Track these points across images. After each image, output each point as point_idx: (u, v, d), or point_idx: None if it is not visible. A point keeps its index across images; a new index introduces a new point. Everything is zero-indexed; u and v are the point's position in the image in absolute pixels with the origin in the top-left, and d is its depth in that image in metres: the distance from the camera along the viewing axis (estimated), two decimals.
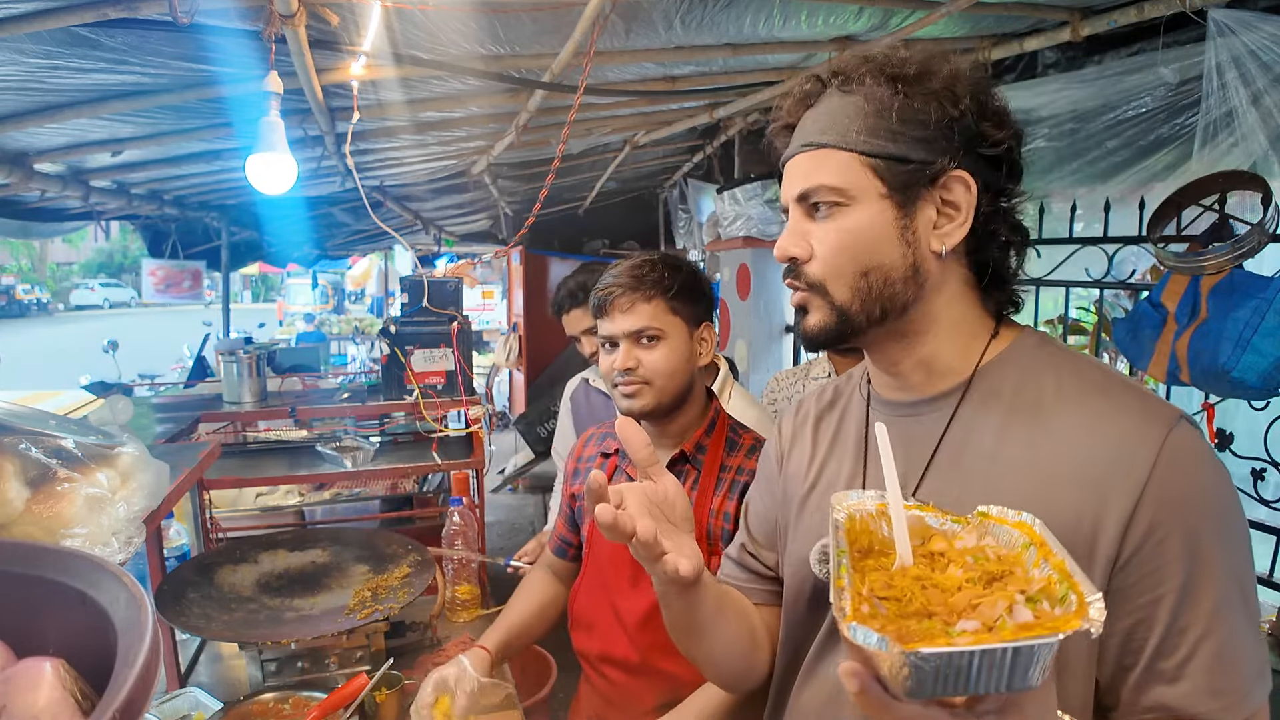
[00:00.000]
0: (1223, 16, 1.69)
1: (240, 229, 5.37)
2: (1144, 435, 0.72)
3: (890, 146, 0.77)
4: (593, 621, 1.48)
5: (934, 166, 0.77)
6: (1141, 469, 0.71)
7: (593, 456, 1.57)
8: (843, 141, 0.79)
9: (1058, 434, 0.76)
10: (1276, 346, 1.61)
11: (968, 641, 0.51)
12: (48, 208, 3.47)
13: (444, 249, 7.73)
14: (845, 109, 0.79)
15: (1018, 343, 0.83)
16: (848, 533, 0.69)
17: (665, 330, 1.36)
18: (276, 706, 1.50)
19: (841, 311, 0.81)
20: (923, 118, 0.76)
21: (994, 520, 0.65)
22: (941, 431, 0.82)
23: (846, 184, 0.78)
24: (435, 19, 1.85)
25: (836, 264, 0.80)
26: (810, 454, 0.97)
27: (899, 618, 0.57)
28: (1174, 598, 0.70)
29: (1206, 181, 1.82)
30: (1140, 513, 0.70)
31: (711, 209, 4.66)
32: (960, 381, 0.82)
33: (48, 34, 1.52)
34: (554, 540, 1.64)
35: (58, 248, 30.22)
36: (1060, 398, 0.77)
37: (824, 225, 0.80)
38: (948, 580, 0.60)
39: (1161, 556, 0.70)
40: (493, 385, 8.03)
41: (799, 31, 2.25)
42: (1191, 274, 1.79)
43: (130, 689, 0.52)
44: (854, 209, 0.78)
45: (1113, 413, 0.75)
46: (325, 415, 2.79)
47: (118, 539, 0.93)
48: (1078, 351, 0.83)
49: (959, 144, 0.77)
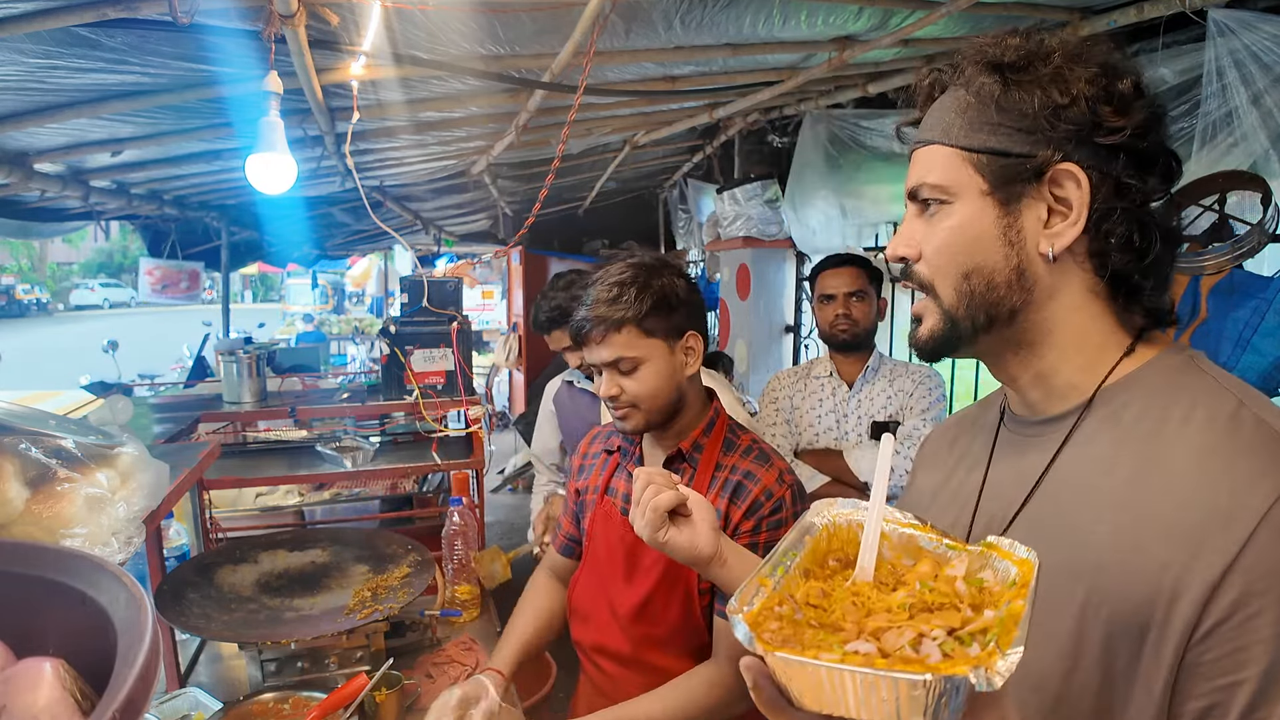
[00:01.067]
0: (1223, 17, 1.70)
1: (240, 229, 5.37)
2: (1256, 485, 0.61)
3: (991, 140, 0.72)
4: (589, 613, 1.50)
5: (1036, 160, 0.70)
6: (1244, 525, 0.60)
7: (597, 453, 1.59)
8: (945, 137, 0.75)
9: (1166, 471, 0.66)
10: (1276, 346, 1.61)
11: (834, 659, 0.49)
12: (48, 208, 3.47)
13: (444, 249, 7.73)
14: (952, 103, 0.76)
15: (1155, 362, 0.73)
16: (825, 540, 0.66)
17: (641, 355, 1.36)
18: (276, 706, 1.50)
19: (949, 317, 0.76)
20: (1025, 107, 0.71)
21: (999, 553, 0.60)
22: (1052, 456, 0.75)
23: (948, 181, 0.74)
24: (435, 19, 1.85)
25: (939, 264, 0.76)
26: (942, 469, 0.93)
27: (809, 626, 0.55)
28: (1255, 686, 0.59)
29: (1206, 181, 1.82)
30: (1231, 579, 0.59)
31: (711, 209, 4.66)
32: (1081, 402, 0.74)
33: (47, 34, 1.52)
34: (560, 539, 1.64)
35: (58, 248, 30.22)
36: (1182, 430, 0.67)
37: (930, 224, 0.76)
38: (882, 602, 0.57)
39: (1248, 635, 0.59)
40: (492, 385, 8.03)
41: (799, 31, 2.26)
42: (1191, 274, 1.79)
43: (130, 689, 0.52)
44: (956, 206, 0.74)
45: (1232, 453, 0.64)
46: (325, 415, 2.79)
47: (118, 539, 0.93)
48: (1228, 376, 0.71)
49: (1069, 134, 0.70)
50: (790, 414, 2.35)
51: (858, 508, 0.68)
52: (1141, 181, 0.71)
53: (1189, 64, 1.87)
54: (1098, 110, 0.70)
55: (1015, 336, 0.76)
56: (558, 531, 1.66)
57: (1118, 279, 0.73)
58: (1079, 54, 0.72)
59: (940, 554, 0.63)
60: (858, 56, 2.36)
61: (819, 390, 2.33)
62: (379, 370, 2.73)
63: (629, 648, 1.42)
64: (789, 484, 1.35)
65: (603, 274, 1.42)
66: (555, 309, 2.42)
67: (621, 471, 1.51)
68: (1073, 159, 0.70)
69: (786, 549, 0.63)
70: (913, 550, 0.64)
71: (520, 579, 1.80)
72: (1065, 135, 0.70)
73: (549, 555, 1.67)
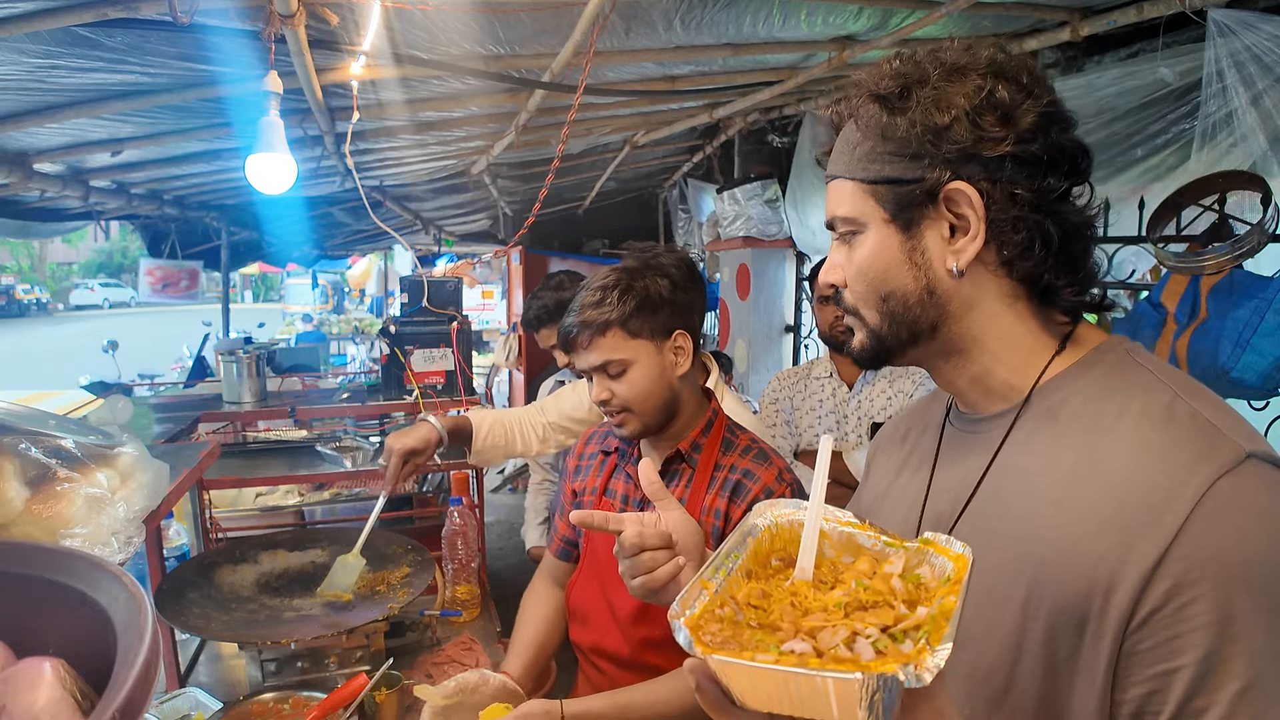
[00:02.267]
0: (1222, 17, 1.70)
1: (240, 229, 5.38)
2: (1188, 476, 0.62)
3: (884, 170, 0.74)
4: (587, 614, 1.50)
5: (925, 184, 0.72)
6: (1174, 516, 0.61)
7: (594, 454, 1.58)
8: (846, 171, 0.78)
9: (1103, 467, 0.67)
10: (1276, 346, 1.61)
11: (770, 660, 0.50)
12: (47, 208, 3.48)
13: (444, 249, 7.73)
14: (848, 136, 0.79)
15: (1089, 358, 0.74)
16: (767, 541, 0.67)
17: (628, 358, 1.35)
18: (276, 706, 1.50)
19: (875, 334, 0.80)
20: (908, 133, 0.72)
21: (936, 549, 0.61)
22: (993, 454, 0.77)
23: (855, 213, 0.78)
24: (435, 19, 1.85)
25: (859, 290, 0.79)
26: (893, 464, 0.95)
27: (748, 627, 0.56)
28: (1192, 672, 0.60)
29: (1206, 181, 1.82)
30: (1164, 568, 0.60)
31: (711, 209, 4.66)
32: (1019, 401, 0.76)
33: (47, 34, 1.52)
34: (556, 544, 1.64)
35: (57, 248, 30.23)
36: (1117, 425, 0.68)
37: (848, 253, 0.80)
38: (820, 601, 0.58)
39: (1183, 623, 0.60)
40: (492, 385, 8.02)
41: (799, 31, 2.26)
42: (1191, 274, 1.79)
43: (130, 689, 0.52)
44: (865, 236, 0.77)
45: (1165, 445, 0.65)
46: (325, 415, 2.79)
47: (117, 539, 0.93)
48: (1164, 367, 0.73)
49: (954, 153, 0.70)
50: (790, 414, 2.35)
51: (800, 508, 0.69)
52: (1038, 183, 0.70)
53: (1189, 65, 1.87)
54: (980, 123, 0.70)
55: (942, 347, 0.79)
56: (554, 535, 1.65)
57: (1031, 282, 0.74)
58: (961, 66, 0.72)
59: (879, 551, 0.64)
60: (857, 56, 2.36)
61: (819, 391, 2.33)
62: (379, 370, 2.73)
63: (628, 649, 1.42)
64: (788, 482, 1.35)
65: (588, 280, 1.43)
66: (543, 308, 2.52)
67: (620, 472, 1.50)
68: (961, 176, 0.71)
69: (729, 551, 0.64)
70: (852, 548, 0.65)
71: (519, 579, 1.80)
72: (951, 155, 0.71)
73: (547, 560, 1.66)
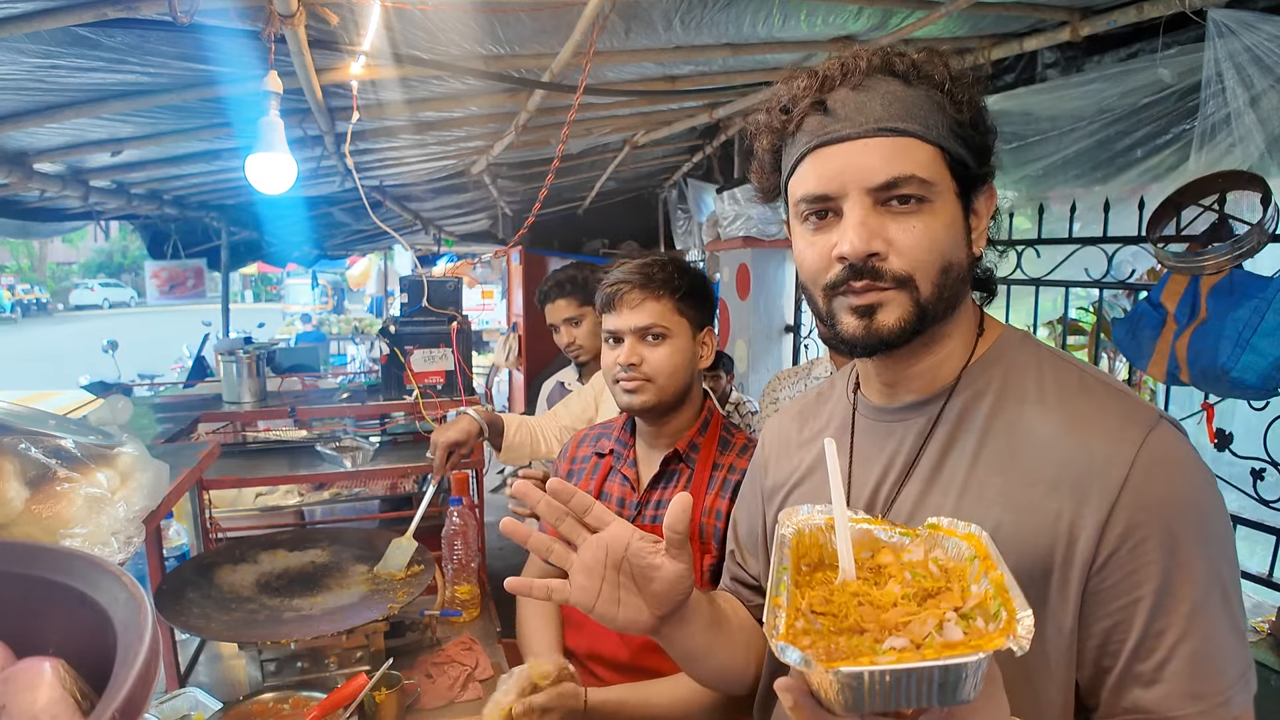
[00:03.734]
0: (1222, 17, 1.70)
1: (240, 229, 5.37)
2: (1121, 437, 0.72)
3: (962, 150, 0.77)
4: (582, 620, 1.48)
5: (987, 175, 0.80)
6: (1118, 471, 0.71)
7: (587, 457, 1.57)
8: (928, 134, 0.75)
9: (1037, 436, 0.75)
10: (1276, 346, 1.61)
11: (891, 660, 0.52)
12: (47, 208, 3.47)
13: (444, 249, 7.73)
14: (919, 100, 0.76)
15: (1001, 341, 0.83)
16: (795, 548, 0.69)
17: (671, 329, 1.37)
18: (276, 706, 1.50)
19: (923, 308, 0.76)
20: (979, 124, 0.78)
21: (943, 532, 0.65)
22: (925, 437, 0.81)
23: (934, 178, 0.75)
24: (435, 19, 1.85)
25: (922, 259, 0.75)
26: (794, 461, 0.97)
27: (832, 634, 0.58)
28: (1150, 600, 0.69)
29: (1206, 181, 1.82)
30: (1116, 515, 0.70)
31: (711, 209, 4.65)
32: (946, 385, 0.82)
33: (47, 34, 1.52)
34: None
35: (57, 248, 30.23)
36: (1040, 399, 0.77)
37: (909, 219, 0.74)
38: (885, 596, 0.61)
39: (1138, 559, 0.70)
40: (492, 385, 8.02)
41: (798, 31, 2.26)
42: (1191, 274, 1.79)
43: (130, 689, 0.52)
44: (938, 205, 0.75)
45: (1092, 414, 0.75)
46: (325, 415, 2.79)
47: (117, 539, 0.93)
48: (1056, 350, 0.84)
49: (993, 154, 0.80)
50: None
51: (813, 512, 0.72)
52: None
53: (1189, 65, 1.87)
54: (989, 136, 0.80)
55: (944, 330, 0.81)
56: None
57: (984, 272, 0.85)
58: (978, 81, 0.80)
59: (896, 542, 0.68)
60: None
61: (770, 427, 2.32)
62: (379, 370, 2.73)
63: (627, 654, 1.41)
64: None
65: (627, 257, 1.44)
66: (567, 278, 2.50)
67: (615, 474, 1.49)
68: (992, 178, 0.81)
69: (778, 565, 0.66)
70: (871, 543, 0.68)
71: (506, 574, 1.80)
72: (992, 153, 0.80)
73: (536, 565, 1.62)
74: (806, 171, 0.78)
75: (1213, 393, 1.81)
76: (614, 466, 1.50)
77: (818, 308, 0.81)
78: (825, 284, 0.78)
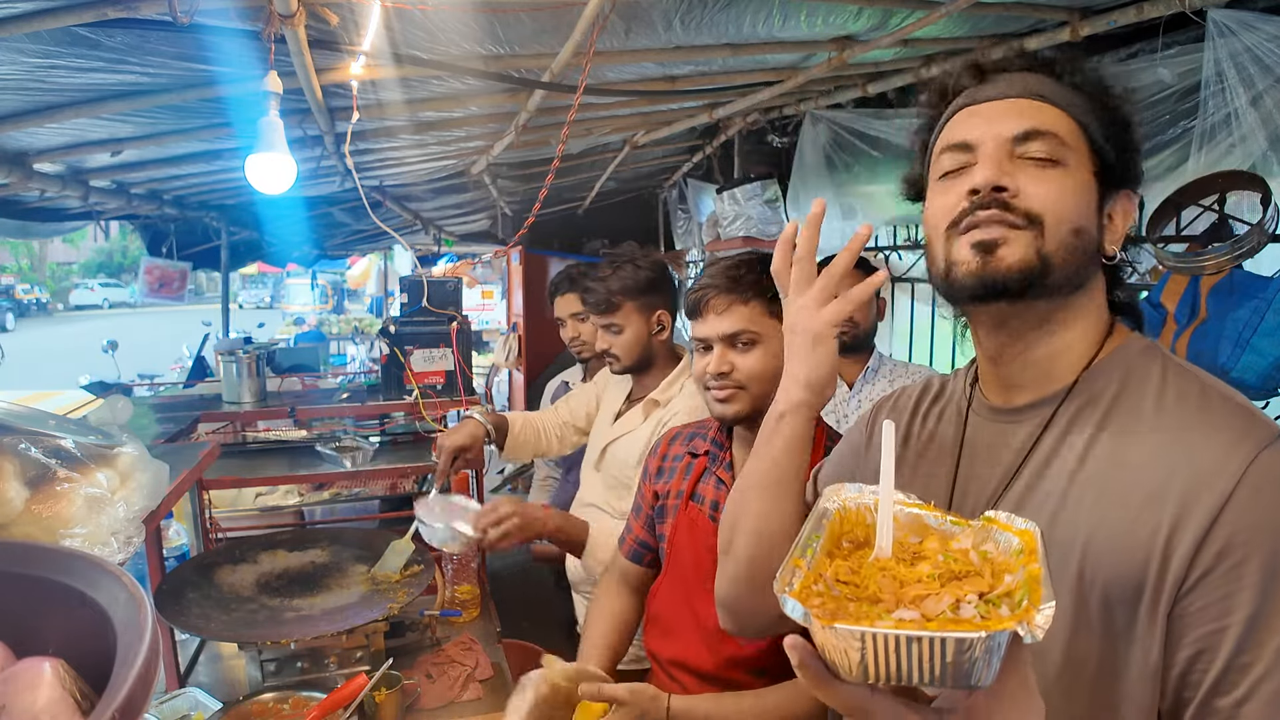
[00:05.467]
0: (1222, 17, 1.69)
1: (240, 229, 5.37)
2: (1232, 451, 0.68)
3: (1102, 138, 0.78)
4: (670, 625, 1.44)
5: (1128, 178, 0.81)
6: (1223, 487, 0.66)
7: (679, 455, 1.51)
8: (1070, 108, 0.78)
9: (1146, 448, 0.72)
10: (1276, 346, 1.61)
11: (890, 626, 0.52)
12: (47, 208, 3.47)
13: (444, 249, 7.72)
14: (1063, 89, 0.79)
15: (1123, 348, 0.80)
16: (837, 524, 0.69)
17: (762, 333, 1.31)
18: (276, 706, 1.50)
19: (1046, 257, 0.74)
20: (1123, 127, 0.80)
21: (998, 526, 0.64)
22: (1034, 440, 0.79)
23: (1071, 141, 0.77)
24: (435, 19, 1.85)
25: (1056, 209, 0.75)
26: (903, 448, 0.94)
27: (845, 600, 0.58)
28: (1240, 630, 0.64)
29: (1206, 182, 1.82)
30: (1215, 533, 0.65)
31: (711, 209, 4.65)
32: (1062, 387, 0.79)
33: (47, 34, 1.52)
34: (629, 545, 1.58)
35: (57, 248, 30.20)
36: (1157, 409, 0.74)
37: (1043, 171, 0.76)
38: (911, 574, 0.61)
39: (1232, 583, 0.65)
40: (492, 385, 8.02)
41: (799, 31, 2.25)
42: (1191, 274, 1.79)
43: (129, 689, 0.52)
44: (1072, 170, 0.77)
45: (1204, 426, 0.71)
46: (325, 415, 2.79)
47: (117, 539, 0.93)
48: (1182, 361, 0.81)
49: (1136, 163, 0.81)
50: None
51: (863, 491, 0.72)
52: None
53: (1189, 65, 1.86)
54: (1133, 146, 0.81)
55: (1062, 308, 0.79)
56: (626, 535, 1.61)
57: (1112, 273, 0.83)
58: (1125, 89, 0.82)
59: (946, 530, 0.67)
60: (857, 56, 2.36)
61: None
62: (379, 370, 2.73)
63: (712, 664, 1.36)
64: None
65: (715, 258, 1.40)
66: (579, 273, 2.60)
67: (709, 475, 1.43)
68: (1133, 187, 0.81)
69: (810, 532, 0.66)
70: (919, 528, 0.68)
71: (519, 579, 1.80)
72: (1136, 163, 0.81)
73: (619, 561, 1.61)
74: (951, 128, 0.82)
75: None
76: (708, 468, 1.44)
77: (936, 257, 0.81)
78: (948, 224, 0.78)
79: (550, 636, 2.60)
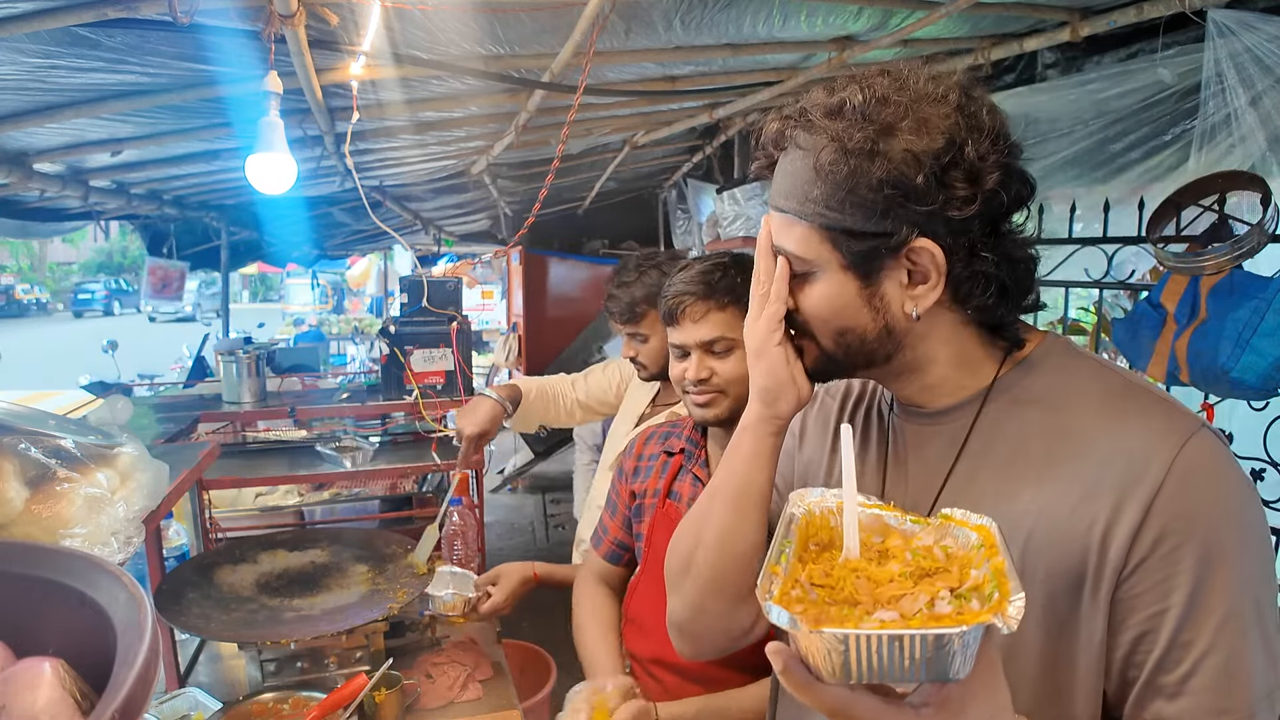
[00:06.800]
0: (1222, 17, 1.69)
1: (240, 229, 5.37)
2: (1160, 443, 0.70)
3: (844, 219, 0.73)
4: (648, 623, 1.44)
5: (893, 239, 0.72)
6: (1154, 477, 0.69)
7: (655, 455, 1.52)
8: (801, 211, 0.76)
9: (1076, 441, 0.74)
10: (1276, 346, 1.61)
11: (875, 626, 0.54)
12: (47, 208, 3.47)
13: (444, 249, 7.73)
14: (803, 171, 0.75)
15: (1040, 350, 0.81)
16: (804, 528, 0.70)
17: (739, 338, 1.29)
18: (276, 706, 1.50)
19: (828, 357, 0.81)
20: (869, 190, 0.70)
21: (955, 523, 0.67)
22: (963, 440, 0.80)
23: (809, 254, 0.77)
24: (435, 19, 1.85)
25: (815, 322, 0.80)
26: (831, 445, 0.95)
27: (824, 604, 0.59)
28: (1180, 610, 0.68)
29: (1206, 182, 1.82)
30: (1150, 521, 0.68)
31: (711, 209, 4.65)
32: (978, 391, 0.81)
33: (47, 34, 1.52)
34: (606, 546, 1.59)
35: (57, 248, 30.20)
36: (1081, 404, 0.76)
37: (801, 285, 0.79)
38: (883, 573, 0.62)
39: (1170, 568, 0.68)
40: (492, 385, 8.02)
41: (799, 32, 2.26)
42: (1191, 274, 1.79)
43: (129, 689, 0.52)
44: (820, 277, 0.77)
45: (1131, 419, 0.73)
46: (325, 415, 2.79)
47: (117, 539, 0.93)
48: (1100, 358, 0.82)
49: (922, 212, 0.70)
50: None
51: (825, 495, 0.74)
52: (997, 231, 0.75)
53: (1189, 65, 1.87)
54: (949, 182, 0.70)
55: (895, 369, 0.82)
56: (603, 537, 1.61)
57: (982, 313, 0.78)
58: (927, 118, 0.71)
59: (906, 529, 0.69)
60: (857, 56, 2.36)
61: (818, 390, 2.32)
62: (379, 370, 2.73)
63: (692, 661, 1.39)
64: None
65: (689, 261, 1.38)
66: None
67: (685, 473, 1.44)
68: (927, 234, 0.71)
69: (781, 539, 0.68)
70: (880, 528, 0.70)
71: None
72: (918, 215, 0.71)
73: (595, 562, 1.61)
74: None
75: (1213, 393, 1.81)
76: (684, 466, 1.45)
77: None
78: None
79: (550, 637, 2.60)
